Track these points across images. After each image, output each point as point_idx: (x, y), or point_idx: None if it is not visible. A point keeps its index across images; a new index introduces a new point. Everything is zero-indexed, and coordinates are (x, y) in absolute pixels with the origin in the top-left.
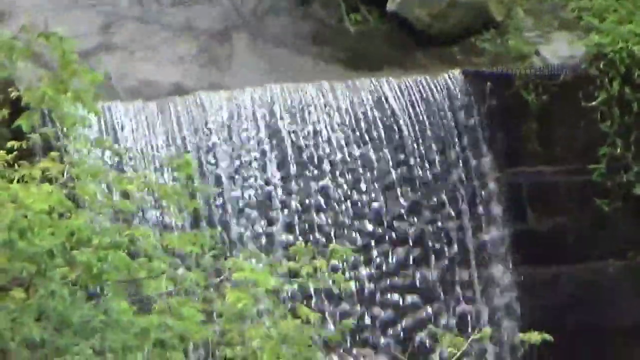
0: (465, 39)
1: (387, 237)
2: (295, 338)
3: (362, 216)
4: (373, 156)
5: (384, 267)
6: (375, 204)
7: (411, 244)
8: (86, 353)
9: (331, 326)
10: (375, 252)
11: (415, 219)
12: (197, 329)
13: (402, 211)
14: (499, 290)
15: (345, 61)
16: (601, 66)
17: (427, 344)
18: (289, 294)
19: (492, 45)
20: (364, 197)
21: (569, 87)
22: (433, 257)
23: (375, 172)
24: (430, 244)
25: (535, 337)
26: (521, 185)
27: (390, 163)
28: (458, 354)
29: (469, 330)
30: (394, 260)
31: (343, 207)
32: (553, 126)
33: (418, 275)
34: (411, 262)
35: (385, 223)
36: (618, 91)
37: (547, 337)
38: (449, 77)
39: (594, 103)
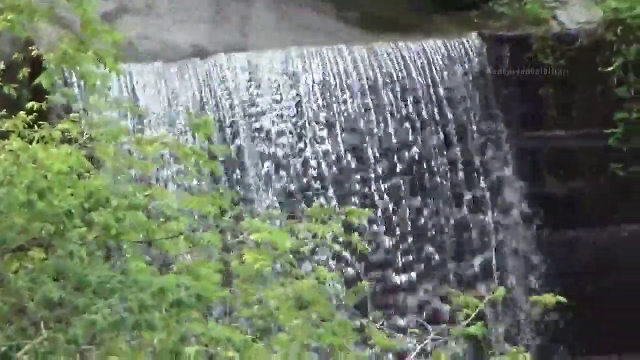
0: (484, 3)
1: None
2: (312, 298)
3: (390, 174)
4: (396, 112)
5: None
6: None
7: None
8: (104, 312)
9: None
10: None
11: (431, 173)
12: (215, 289)
13: (414, 149)
14: (515, 249)
15: (366, 24)
16: (618, 32)
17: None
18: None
19: (510, 9)
20: (386, 154)
21: (586, 52)
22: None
23: (392, 140)
24: (441, 211)
25: (549, 299)
26: (539, 150)
27: (423, 122)
28: (473, 315)
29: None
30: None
31: (375, 167)
32: (570, 91)
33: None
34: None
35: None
36: (635, 57)
37: (562, 299)
38: (467, 41)
39: (611, 68)
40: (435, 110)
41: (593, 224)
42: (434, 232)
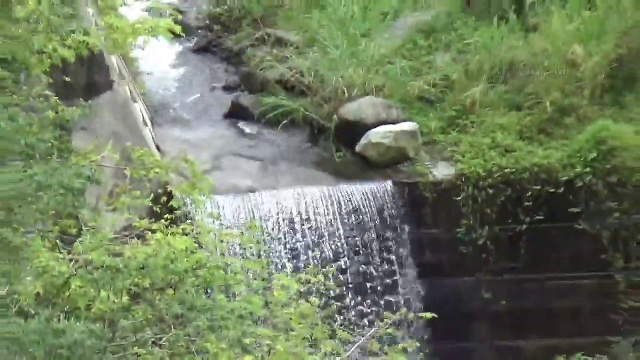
0: (395, 165)
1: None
2: (308, 313)
3: (343, 256)
4: (351, 220)
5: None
6: (351, 239)
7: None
8: (204, 321)
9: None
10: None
11: (369, 250)
12: (259, 309)
13: (360, 239)
14: (410, 289)
15: (335, 175)
16: (463, 179)
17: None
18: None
19: (408, 169)
20: (344, 245)
21: (447, 190)
22: (377, 275)
23: (346, 233)
24: (373, 269)
25: (429, 315)
26: (423, 239)
27: (365, 225)
28: (389, 324)
29: (394, 309)
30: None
31: (347, 254)
32: (439, 209)
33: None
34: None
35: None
36: (471, 192)
37: (435, 315)
38: (387, 185)
39: (459, 198)
40: (371, 218)
41: (450, 276)
42: (371, 280)
